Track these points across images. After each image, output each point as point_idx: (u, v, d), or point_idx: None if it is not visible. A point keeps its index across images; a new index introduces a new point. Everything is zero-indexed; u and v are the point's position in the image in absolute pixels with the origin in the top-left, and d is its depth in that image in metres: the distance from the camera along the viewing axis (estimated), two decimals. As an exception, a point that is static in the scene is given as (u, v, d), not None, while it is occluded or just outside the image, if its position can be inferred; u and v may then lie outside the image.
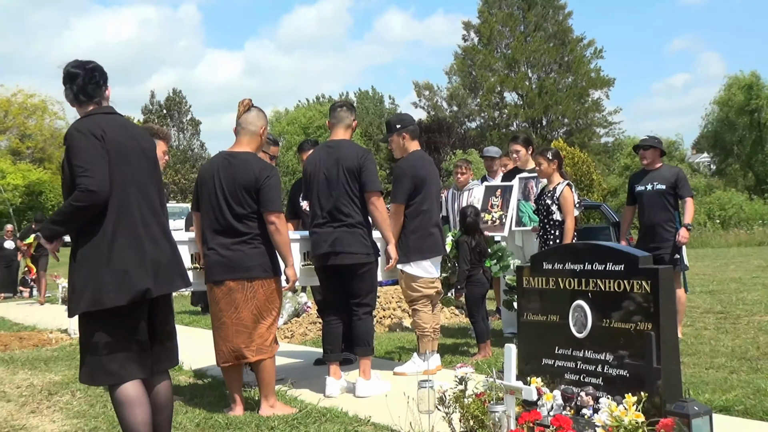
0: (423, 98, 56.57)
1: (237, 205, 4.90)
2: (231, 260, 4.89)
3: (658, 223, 7.29)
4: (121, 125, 3.81)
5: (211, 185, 4.99)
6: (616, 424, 3.44)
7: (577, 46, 52.91)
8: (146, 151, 3.86)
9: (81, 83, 3.81)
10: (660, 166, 7.50)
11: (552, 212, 7.08)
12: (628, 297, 3.70)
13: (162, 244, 3.78)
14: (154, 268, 3.68)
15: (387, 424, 4.51)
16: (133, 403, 3.64)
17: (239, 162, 4.99)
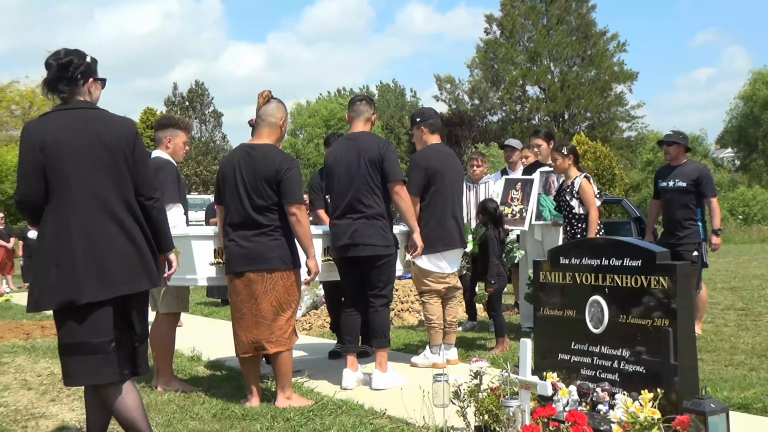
0: (444, 91, 56.43)
1: (258, 198, 4.91)
2: (251, 251, 4.91)
3: (678, 221, 7.25)
4: (75, 122, 3.66)
5: (232, 178, 5.01)
6: (631, 420, 3.42)
7: (600, 40, 52.50)
8: (108, 145, 3.65)
9: (50, 77, 3.72)
10: (685, 162, 7.42)
11: (573, 207, 7.09)
12: (646, 293, 3.68)
13: (114, 247, 3.60)
14: (91, 272, 3.52)
15: (402, 417, 4.51)
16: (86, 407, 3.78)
17: (260, 154, 5.00)
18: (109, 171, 3.66)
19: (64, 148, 3.58)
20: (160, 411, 4.95)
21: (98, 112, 3.76)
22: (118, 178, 3.68)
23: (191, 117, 56.21)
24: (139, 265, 3.67)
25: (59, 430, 4.66)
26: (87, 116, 3.70)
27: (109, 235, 3.60)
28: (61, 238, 3.54)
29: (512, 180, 7.92)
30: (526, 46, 53.74)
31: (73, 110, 3.69)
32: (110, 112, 3.86)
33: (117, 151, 3.68)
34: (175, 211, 5.43)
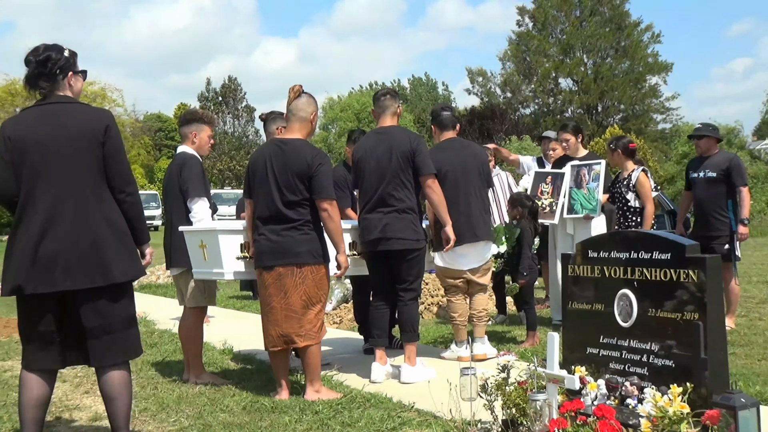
0: (476, 84, 56.24)
1: (289, 192, 4.93)
2: (281, 246, 4.94)
3: (710, 212, 7.21)
4: (44, 116, 3.73)
5: (263, 172, 5.04)
6: (660, 414, 3.39)
7: (634, 31, 51.93)
8: (74, 138, 3.69)
9: (29, 74, 3.77)
10: (716, 153, 7.37)
11: (629, 200, 7.22)
12: (675, 286, 3.64)
13: (70, 241, 3.65)
14: (44, 264, 3.62)
15: (430, 411, 4.52)
16: (24, 385, 3.76)
17: (291, 149, 5.02)
18: (74, 164, 3.70)
19: (29, 143, 3.66)
20: (191, 404, 5.01)
21: (71, 106, 3.79)
22: (84, 171, 3.71)
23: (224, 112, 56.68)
24: (93, 260, 3.68)
25: (92, 422, 4.73)
26: (58, 110, 3.75)
27: (65, 229, 3.66)
28: (21, 230, 3.67)
29: (542, 173, 7.89)
30: (559, 38, 53.31)
31: (47, 105, 3.76)
32: (86, 105, 3.90)
33: (83, 143, 3.70)
34: (201, 204, 5.49)
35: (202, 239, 5.34)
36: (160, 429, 4.52)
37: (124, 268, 3.78)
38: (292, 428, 4.36)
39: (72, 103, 3.82)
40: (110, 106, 50.20)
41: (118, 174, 3.81)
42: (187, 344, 5.72)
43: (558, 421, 3.40)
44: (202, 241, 5.33)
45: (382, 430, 4.25)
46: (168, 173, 5.69)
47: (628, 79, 51.05)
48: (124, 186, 3.82)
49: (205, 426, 4.48)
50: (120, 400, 3.81)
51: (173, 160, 5.79)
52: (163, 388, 5.50)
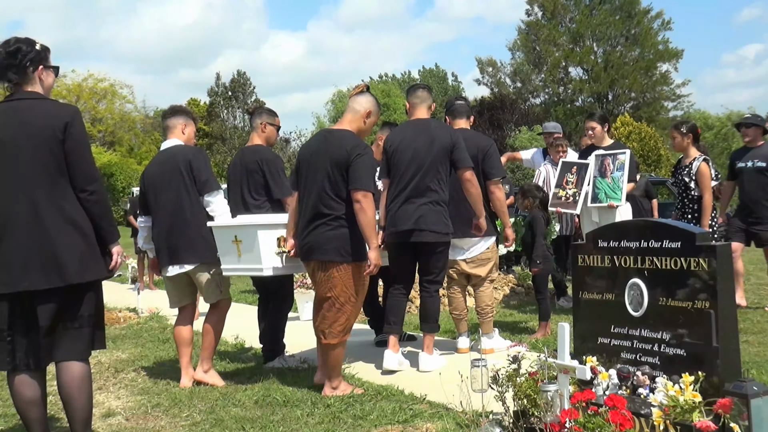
0: (486, 75, 56.03)
1: (327, 184, 4.86)
2: (311, 241, 4.90)
3: (757, 200, 7.49)
4: (5, 113, 3.68)
5: (307, 163, 5.03)
6: (672, 403, 3.39)
7: (645, 18, 51.60)
8: (33, 135, 3.64)
9: (1, 66, 3.71)
10: (762, 143, 7.64)
11: (691, 188, 7.37)
12: (686, 274, 3.62)
13: (27, 241, 3.62)
14: (4, 264, 3.62)
15: (442, 402, 4.52)
16: (13, 389, 3.76)
17: (335, 138, 5.01)
18: (32, 163, 3.63)
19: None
20: (203, 398, 5.03)
21: (37, 102, 3.72)
22: (42, 169, 3.65)
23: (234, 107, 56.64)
24: (50, 261, 3.63)
25: (105, 417, 4.75)
26: (22, 107, 3.68)
27: (21, 228, 3.62)
28: None
29: (569, 163, 7.88)
30: (569, 26, 53.06)
31: (11, 102, 3.70)
32: (53, 101, 3.82)
33: (42, 141, 3.64)
34: (221, 198, 5.41)
35: (237, 234, 5.23)
36: (173, 424, 4.53)
37: (81, 269, 3.70)
38: (304, 422, 4.37)
39: (38, 99, 3.74)
40: (121, 102, 50.50)
41: (80, 172, 3.72)
42: (207, 340, 5.54)
43: (569, 411, 3.38)
44: (236, 237, 5.22)
45: (393, 422, 4.26)
46: (169, 165, 5.38)
47: (638, 67, 50.75)
48: (86, 184, 3.73)
49: (218, 420, 4.49)
50: (77, 401, 3.77)
51: (170, 151, 5.48)
52: (175, 384, 5.51)
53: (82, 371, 3.79)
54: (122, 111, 50.89)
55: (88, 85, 49.07)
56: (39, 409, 3.79)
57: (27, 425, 3.79)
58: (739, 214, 7.76)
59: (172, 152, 5.48)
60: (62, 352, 3.77)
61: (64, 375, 3.76)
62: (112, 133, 50.02)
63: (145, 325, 8.68)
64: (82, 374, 3.79)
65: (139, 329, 8.37)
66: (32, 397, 3.76)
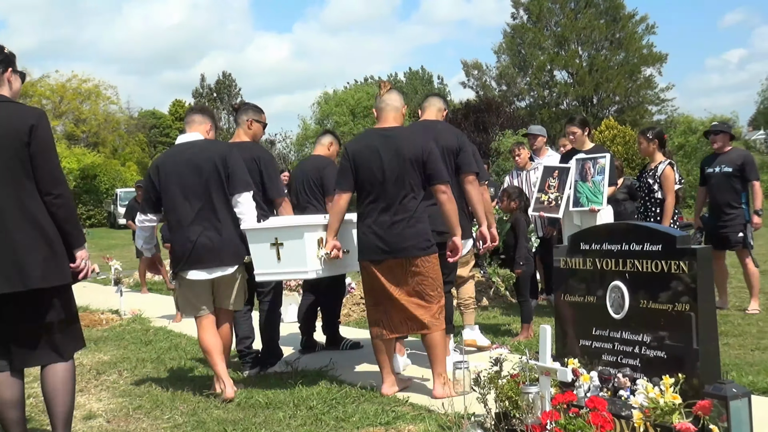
0: (472, 78, 56.09)
1: (408, 180, 4.82)
2: (388, 239, 4.82)
3: (725, 203, 7.74)
4: None
5: (369, 163, 4.88)
6: (652, 405, 3.41)
7: (629, 22, 51.81)
8: (4, 138, 3.58)
9: None
10: (729, 149, 7.93)
11: (654, 191, 7.59)
12: (667, 277, 3.64)
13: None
14: None
15: (424, 405, 4.53)
16: None
17: (401, 136, 4.93)
18: (10, 164, 3.59)
19: None
20: (185, 401, 5.01)
21: (1, 105, 3.67)
22: (7, 171, 3.60)
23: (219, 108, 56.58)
24: (11, 265, 3.59)
25: (86, 420, 4.72)
26: None
27: None
28: None
29: (550, 168, 7.91)
30: (554, 30, 53.20)
31: None
32: (19, 104, 3.77)
33: (6, 144, 3.59)
34: (251, 199, 5.17)
35: (277, 237, 5.05)
36: (155, 426, 4.51)
37: (45, 274, 3.65)
38: (287, 424, 4.37)
39: (3, 102, 3.69)
40: (105, 103, 50.32)
41: (45, 175, 3.67)
42: (227, 351, 5.24)
43: (550, 413, 3.40)
44: (276, 239, 5.04)
45: (376, 424, 4.25)
46: (201, 160, 5.03)
47: (623, 71, 50.94)
48: (52, 188, 3.68)
49: (199, 423, 4.48)
50: (58, 399, 3.74)
51: (199, 145, 5.16)
52: (157, 386, 5.50)
53: (65, 370, 3.78)
54: (106, 112, 50.68)
55: (72, 85, 48.85)
56: (18, 411, 3.76)
57: (5, 427, 3.76)
58: (709, 219, 8.00)
59: (203, 146, 5.17)
60: (41, 357, 3.75)
61: (47, 375, 3.76)
62: (96, 134, 49.75)
63: (127, 327, 8.64)
64: (65, 373, 3.78)
65: (121, 331, 8.34)
66: (11, 398, 3.72)
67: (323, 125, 50.02)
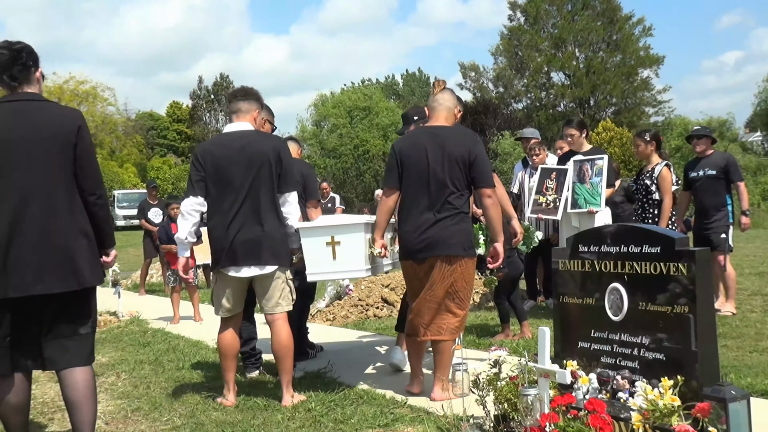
0: (469, 79, 56.07)
1: (452, 179, 4.79)
2: (433, 237, 4.78)
3: (710, 206, 7.80)
4: (13, 114, 3.58)
5: (419, 160, 4.85)
6: (651, 407, 3.40)
7: (626, 24, 51.87)
8: (46, 137, 3.57)
9: (6, 64, 3.61)
10: (711, 153, 8.02)
11: (651, 192, 7.61)
12: (665, 279, 3.64)
13: (41, 244, 3.53)
14: (18, 267, 3.48)
15: (423, 407, 4.53)
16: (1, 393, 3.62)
17: (449, 135, 4.89)
18: (47, 165, 3.57)
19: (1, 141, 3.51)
20: (184, 402, 5.01)
21: (43, 104, 3.67)
22: (58, 172, 3.60)
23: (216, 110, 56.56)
24: (65, 264, 3.58)
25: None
26: (29, 108, 3.62)
27: (35, 231, 3.52)
28: None
29: (548, 169, 7.93)
30: (551, 32, 53.22)
31: (15, 102, 3.62)
32: (57, 104, 3.78)
33: (56, 144, 3.59)
34: (297, 199, 5.08)
35: (335, 235, 4.97)
36: (153, 428, 4.51)
37: (94, 272, 3.70)
38: (285, 426, 4.36)
39: (43, 101, 3.69)
40: (102, 105, 50.27)
41: (90, 176, 3.70)
42: (289, 358, 4.93)
43: (549, 415, 3.40)
44: (332, 238, 4.97)
45: (374, 426, 4.25)
46: (253, 152, 4.81)
47: (620, 72, 50.97)
48: (95, 188, 3.71)
49: (198, 425, 4.47)
50: (85, 405, 3.69)
51: (251, 136, 4.92)
52: (155, 387, 5.50)
53: (89, 376, 3.73)
54: (104, 113, 50.59)
55: (70, 87, 48.77)
56: (23, 416, 3.72)
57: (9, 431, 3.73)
58: (696, 223, 8.12)
59: (256, 138, 4.94)
60: (70, 359, 3.68)
61: (70, 380, 3.67)
62: (93, 135, 49.30)
63: (125, 329, 8.64)
64: (89, 379, 3.72)
65: (119, 333, 8.33)
66: (17, 403, 3.67)
67: (320, 127, 50.01)
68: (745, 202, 7.86)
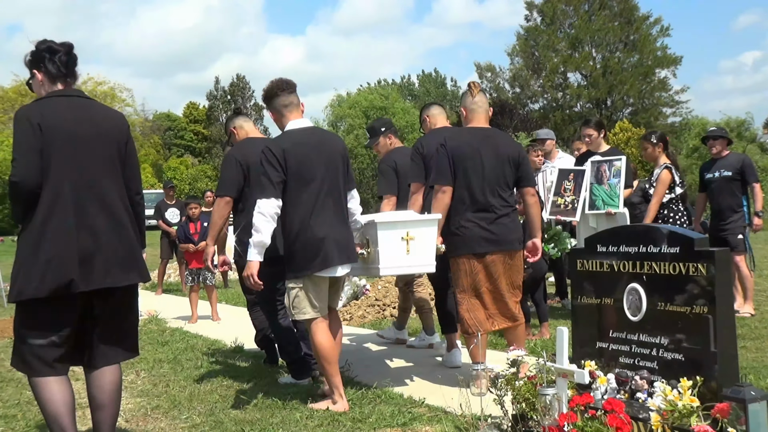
0: (485, 80, 56.03)
1: (501, 179, 5.05)
2: (496, 233, 4.99)
3: (726, 208, 7.82)
4: (73, 108, 3.55)
5: (473, 159, 5.02)
6: (670, 408, 3.40)
7: (643, 24, 51.67)
8: (105, 134, 3.59)
9: (64, 58, 3.61)
10: (727, 154, 8.07)
11: (649, 194, 7.52)
12: (684, 280, 3.64)
13: (106, 237, 3.50)
14: (86, 260, 3.42)
15: (440, 406, 4.53)
16: (55, 392, 3.50)
17: (501, 136, 5.29)
18: (105, 161, 3.59)
19: (61, 134, 3.45)
20: (203, 401, 5.04)
21: (94, 102, 3.72)
22: (113, 168, 3.62)
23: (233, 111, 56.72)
24: (129, 258, 3.60)
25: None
26: (86, 105, 3.64)
27: (100, 225, 3.51)
28: (53, 226, 3.41)
29: (565, 171, 7.91)
30: (567, 32, 53.11)
31: (73, 97, 3.62)
32: (102, 103, 3.83)
33: (113, 142, 3.63)
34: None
35: (410, 231, 5.00)
36: (173, 426, 4.54)
37: (146, 268, 3.78)
38: (303, 424, 4.38)
39: (92, 100, 3.73)
40: (120, 105, 50.52)
41: (136, 176, 3.78)
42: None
43: (568, 415, 3.40)
44: (408, 233, 5.00)
45: (392, 425, 4.27)
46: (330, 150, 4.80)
47: (637, 73, 50.80)
48: (139, 188, 3.79)
49: (217, 423, 4.50)
50: (110, 407, 3.65)
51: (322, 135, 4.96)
52: (174, 386, 5.53)
53: (118, 378, 3.70)
54: (122, 114, 50.90)
55: (88, 88, 49.00)
56: (74, 415, 3.61)
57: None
58: (711, 224, 8.12)
59: (327, 137, 4.97)
60: (117, 355, 3.68)
61: (100, 380, 3.63)
62: (111, 136, 49.91)
63: (144, 328, 8.67)
64: (117, 381, 3.69)
65: (139, 331, 8.37)
66: (72, 401, 3.57)
67: (336, 128, 50.13)
68: (759, 203, 7.91)
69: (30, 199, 3.42)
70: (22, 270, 3.42)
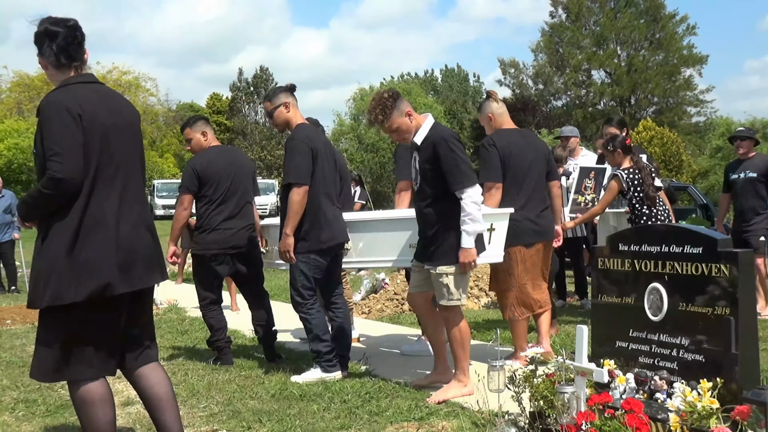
0: (508, 76, 55.73)
1: (539, 174, 5.68)
2: (550, 222, 5.76)
3: (749, 208, 7.84)
4: (102, 97, 3.30)
5: (523, 156, 5.57)
6: (689, 409, 3.37)
7: (669, 23, 51.16)
8: (132, 126, 3.39)
9: (62, 42, 3.26)
10: (753, 155, 8.05)
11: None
12: (707, 280, 3.61)
13: (141, 234, 3.33)
14: (126, 260, 3.21)
15: (458, 402, 4.53)
16: (95, 402, 3.22)
17: (535, 138, 6.07)
18: (133, 153, 3.39)
19: (98, 127, 3.20)
20: (221, 390, 5.07)
21: (111, 89, 3.47)
22: (138, 160, 3.43)
23: (256, 102, 56.87)
24: (158, 256, 3.44)
25: (124, 406, 4.79)
26: (106, 92, 3.39)
27: (134, 223, 3.32)
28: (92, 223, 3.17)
29: (587, 169, 7.86)
30: (593, 29, 52.70)
31: (94, 84, 3.36)
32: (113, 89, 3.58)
33: (137, 132, 3.44)
34: None
35: (493, 222, 5.20)
36: (191, 414, 4.57)
37: None
38: (321, 416, 4.40)
39: (109, 88, 3.53)
40: (144, 95, 50.83)
41: (144, 166, 3.55)
42: None
43: (586, 413, 3.39)
44: (492, 225, 5.19)
45: (409, 419, 4.27)
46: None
47: (662, 71, 50.30)
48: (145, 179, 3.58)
49: (235, 412, 4.53)
50: (173, 400, 3.47)
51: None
52: (193, 375, 5.56)
53: (164, 372, 3.54)
54: (145, 104, 51.11)
55: (113, 77, 49.33)
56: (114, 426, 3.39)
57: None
58: (734, 225, 8.17)
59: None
60: (152, 355, 3.49)
61: (154, 378, 3.43)
62: (135, 125, 50.22)
63: (163, 317, 8.75)
64: (166, 374, 3.53)
65: (157, 321, 8.41)
66: (113, 408, 3.36)
67: (358, 121, 50.13)
68: None
69: (71, 196, 3.14)
70: (54, 271, 3.12)
